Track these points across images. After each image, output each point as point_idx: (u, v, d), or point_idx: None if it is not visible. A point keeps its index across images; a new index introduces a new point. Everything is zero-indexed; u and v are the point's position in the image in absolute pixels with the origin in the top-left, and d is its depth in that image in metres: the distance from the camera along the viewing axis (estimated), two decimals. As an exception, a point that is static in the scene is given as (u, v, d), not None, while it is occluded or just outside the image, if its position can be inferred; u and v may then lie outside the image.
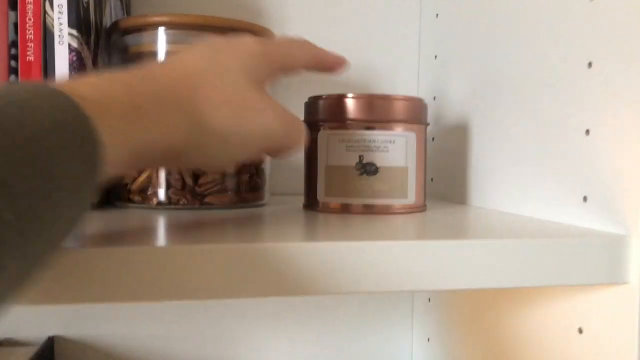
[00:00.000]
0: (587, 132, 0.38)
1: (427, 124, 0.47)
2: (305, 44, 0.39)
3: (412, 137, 0.45)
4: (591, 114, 0.38)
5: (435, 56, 0.63)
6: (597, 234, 0.35)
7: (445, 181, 0.60)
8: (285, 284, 0.30)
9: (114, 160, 0.26)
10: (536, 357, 0.44)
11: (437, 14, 0.63)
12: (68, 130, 0.23)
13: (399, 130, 0.45)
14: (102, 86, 0.27)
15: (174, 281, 0.29)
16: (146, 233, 0.34)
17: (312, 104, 0.47)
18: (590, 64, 0.38)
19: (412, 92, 0.68)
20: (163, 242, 0.30)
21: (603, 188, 0.37)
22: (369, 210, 0.44)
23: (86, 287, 0.28)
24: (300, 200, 0.56)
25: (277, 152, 0.38)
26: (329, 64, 0.41)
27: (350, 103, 0.44)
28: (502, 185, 0.49)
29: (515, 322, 0.47)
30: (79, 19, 0.43)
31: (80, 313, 0.62)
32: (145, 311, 0.64)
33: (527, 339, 0.45)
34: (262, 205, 0.50)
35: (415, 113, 0.46)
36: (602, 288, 0.36)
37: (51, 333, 0.61)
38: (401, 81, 0.68)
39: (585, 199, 0.38)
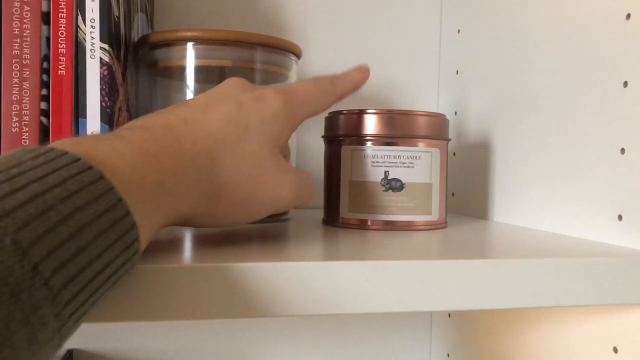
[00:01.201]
0: (622, 150, 0.38)
1: (449, 140, 0.47)
2: (327, 88, 0.39)
3: (436, 152, 0.45)
4: (626, 133, 0.38)
5: (457, 72, 0.63)
6: (633, 253, 0.35)
7: (467, 196, 0.60)
8: (304, 303, 0.30)
9: (142, 238, 0.26)
10: (562, 375, 0.44)
11: (458, 30, 0.63)
12: (108, 219, 0.23)
13: (422, 146, 0.45)
14: (130, 158, 0.27)
15: (198, 300, 0.29)
16: (171, 250, 0.34)
17: (332, 119, 0.47)
18: (625, 84, 0.38)
19: (432, 108, 0.69)
20: (189, 259, 0.31)
21: (639, 207, 0.37)
22: (391, 226, 0.45)
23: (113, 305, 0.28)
24: (319, 213, 0.56)
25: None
26: (351, 91, 0.42)
27: (373, 118, 0.44)
28: (528, 201, 0.49)
29: (543, 340, 0.47)
30: (110, 33, 0.44)
31: (99, 326, 0.62)
32: (163, 325, 0.64)
33: (556, 358, 0.45)
34: (286, 219, 0.51)
35: (439, 128, 0.46)
36: (637, 307, 0.36)
37: (70, 346, 0.62)
38: (421, 96, 0.68)
39: (620, 217, 0.38)
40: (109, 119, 0.44)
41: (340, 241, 0.38)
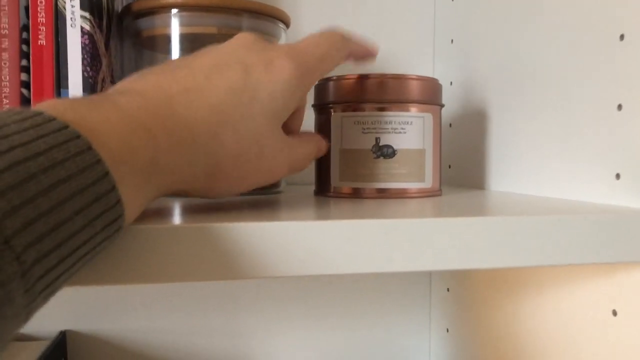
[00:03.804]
0: (620, 107, 0.37)
1: (442, 105, 0.46)
2: (340, 44, 0.37)
3: (429, 118, 0.44)
4: (623, 89, 0.36)
5: (452, 40, 0.62)
6: (630, 210, 0.34)
7: (464, 167, 0.59)
8: (294, 264, 0.29)
9: (127, 214, 0.25)
10: (567, 342, 0.43)
11: (452, -2, 0.62)
12: (92, 193, 0.22)
13: (414, 111, 0.44)
14: (123, 130, 0.25)
15: (187, 262, 0.28)
16: (159, 214, 0.33)
17: (322, 86, 0.46)
18: (622, 37, 0.36)
19: (427, 80, 0.67)
20: (178, 221, 0.30)
21: (637, 164, 0.35)
22: (384, 194, 0.43)
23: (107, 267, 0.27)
24: (311, 188, 0.55)
25: None
26: (360, 56, 0.40)
27: (363, 84, 0.43)
28: (526, 168, 0.48)
29: (542, 307, 0.46)
30: (90, 2, 0.43)
31: (92, 307, 0.61)
32: (158, 304, 0.63)
33: (555, 324, 0.44)
34: (278, 192, 0.50)
35: (431, 93, 0.45)
36: (636, 267, 0.35)
37: (63, 327, 0.61)
38: (416, 67, 0.67)
39: (618, 176, 0.37)
40: (91, 89, 0.43)
41: (331, 207, 0.37)
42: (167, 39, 0.45)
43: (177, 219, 0.30)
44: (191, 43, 0.46)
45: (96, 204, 0.22)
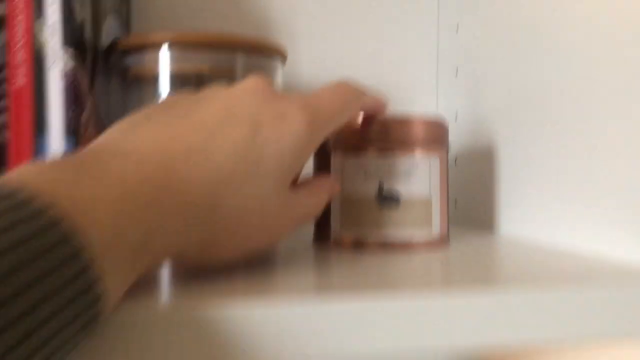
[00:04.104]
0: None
1: (448, 148, 0.43)
2: (354, 101, 0.34)
3: (435, 162, 0.41)
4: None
5: (456, 72, 0.59)
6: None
7: (471, 206, 0.56)
8: (289, 350, 0.26)
9: (107, 305, 0.22)
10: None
11: (457, 26, 0.59)
12: (72, 290, 0.19)
13: (420, 154, 0.41)
14: (114, 210, 0.22)
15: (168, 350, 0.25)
16: (148, 284, 0.30)
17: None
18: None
19: (431, 111, 0.64)
20: (159, 300, 0.26)
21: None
22: (388, 247, 0.40)
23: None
24: (309, 230, 0.52)
25: None
26: (371, 110, 0.38)
27: (366, 125, 0.40)
28: (538, 210, 0.45)
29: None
30: (73, 38, 0.40)
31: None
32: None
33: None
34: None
35: (438, 136, 0.42)
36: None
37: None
38: (419, 99, 0.64)
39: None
40: (74, 132, 0.40)
41: (332, 271, 0.34)
42: (156, 77, 0.42)
43: (153, 294, 0.27)
44: (182, 81, 0.43)
45: (75, 302, 0.19)
